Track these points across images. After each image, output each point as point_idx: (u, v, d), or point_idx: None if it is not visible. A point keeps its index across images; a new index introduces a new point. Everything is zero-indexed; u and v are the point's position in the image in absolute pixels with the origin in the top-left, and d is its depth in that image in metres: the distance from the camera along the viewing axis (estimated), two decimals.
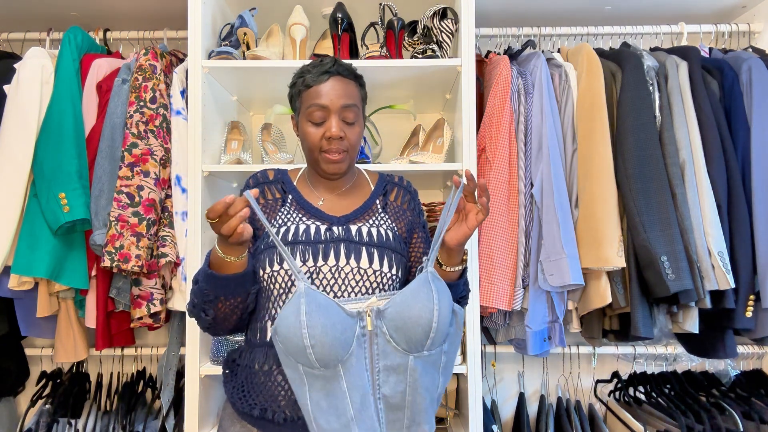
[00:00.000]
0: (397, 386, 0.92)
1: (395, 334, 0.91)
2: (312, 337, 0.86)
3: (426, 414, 0.93)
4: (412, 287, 0.93)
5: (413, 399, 0.92)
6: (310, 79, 1.08)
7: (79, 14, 2.01)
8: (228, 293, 0.98)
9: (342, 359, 0.89)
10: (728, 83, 1.72)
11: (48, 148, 1.63)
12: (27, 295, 1.69)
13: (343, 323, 0.89)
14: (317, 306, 0.88)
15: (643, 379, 1.97)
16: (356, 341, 0.90)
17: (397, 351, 0.91)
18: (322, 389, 0.90)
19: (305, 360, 0.88)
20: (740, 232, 1.61)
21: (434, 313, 0.90)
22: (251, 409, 1.01)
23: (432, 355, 0.93)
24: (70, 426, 1.85)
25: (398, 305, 0.92)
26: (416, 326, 0.90)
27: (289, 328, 0.87)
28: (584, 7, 1.98)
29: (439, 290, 0.92)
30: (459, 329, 0.99)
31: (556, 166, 1.65)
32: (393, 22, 1.72)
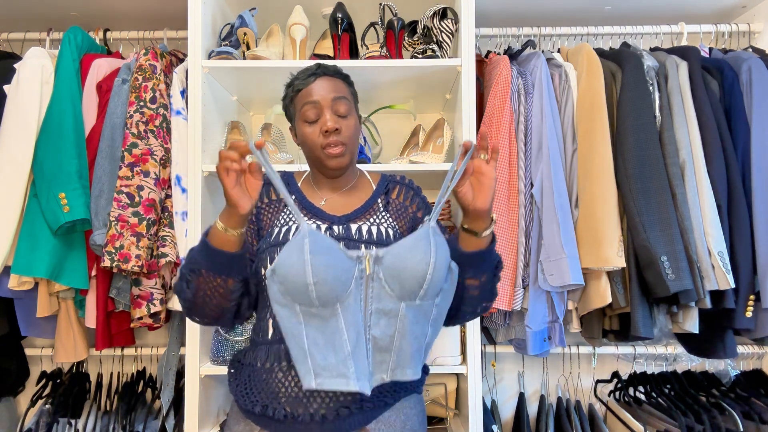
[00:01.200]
0: (386, 329, 0.95)
1: (390, 280, 0.94)
2: (315, 275, 0.88)
3: (412, 360, 0.96)
4: (412, 239, 0.95)
5: (400, 344, 0.95)
6: (298, 84, 1.13)
7: (79, 14, 2.01)
8: (214, 268, 0.97)
9: (341, 298, 0.92)
10: (728, 83, 1.72)
11: (48, 148, 1.63)
12: (27, 295, 1.69)
13: (343, 264, 0.92)
14: (321, 246, 0.90)
15: (643, 379, 1.97)
16: (354, 282, 0.93)
17: (390, 297, 0.94)
18: (318, 327, 0.92)
19: (305, 299, 0.90)
20: (740, 232, 1.61)
21: (430, 265, 0.92)
22: (253, 406, 1.02)
23: (423, 305, 0.96)
24: (70, 426, 1.86)
25: (396, 254, 0.94)
26: (411, 276, 0.92)
27: (293, 267, 0.88)
28: (584, 7, 1.98)
29: (438, 245, 0.94)
30: (453, 285, 1.00)
31: (556, 166, 1.65)
32: (393, 22, 1.72)
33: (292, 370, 1.01)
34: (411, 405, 1.09)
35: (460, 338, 1.64)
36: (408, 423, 1.06)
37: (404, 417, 1.06)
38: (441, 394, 1.78)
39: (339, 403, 0.99)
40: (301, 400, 0.99)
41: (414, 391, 1.11)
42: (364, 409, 1.00)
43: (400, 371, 0.96)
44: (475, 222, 0.99)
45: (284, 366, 1.02)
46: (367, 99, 1.94)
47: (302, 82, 1.12)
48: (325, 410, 0.98)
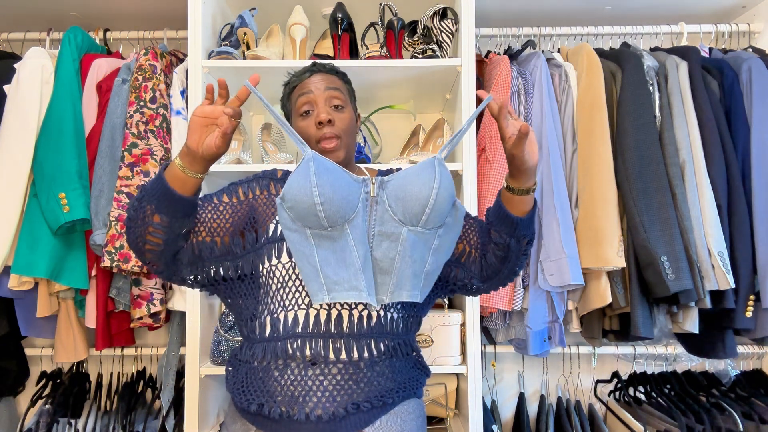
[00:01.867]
0: (388, 252, 0.98)
1: (394, 204, 0.97)
2: (322, 195, 0.91)
3: (410, 282, 0.99)
4: (418, 166, 0.98)
5: (401, 267, 0.98)
6: (294, 80, 1.17)
7: (79, 14, 2.01)
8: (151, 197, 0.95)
9: (348, 218, 0.95)
10: (728, 83, 1.72)
11: (48, 148, 1.63)
12: (27, 295, 1.69)
13: (349, 185, 0.95)
14: (325, 169, 0.93)
15: (643, 379, 1.97)
16: (361, 203, 0.97)
17: (393, 220, 0.98)
18: (329, 247, 0.95)
19: (314, 221, 0.93)
20: (740, 232, 1.61)
21: (433, 191, 0.95)
22: (249, 404, 1.01)
23: (425, 233, 0.98)
24: (70, 426, 1.86)
25: (401, 179, 0.98)
26: (415, 200, 0.95)
27: (300, 189, 0.91)
28: (584, 7, 1.98)
29: (442, 175, 0.96)
30: (456, 222, 1.03)
31: (556, 166, 1.65)
32: (393, 22, 1.72)
33: (288, 368, 1.00)
34: (410, 410, 1.08)
35: (460, 338, 1.64)
36: (406, 428, 1.04)
37: (402, 422, 1.04)
38: (441, 394, 1.78)
39: (335, 402, 0.98)
40: (297, 400, 0.98)
41: (413, 394, 1.10)
42: (361, 410, 0.99)
43: (398, 293, 0.99)
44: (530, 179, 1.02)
45: (280, 364, 1.01)
46: (367, 99, 1.94)
47: (298, 79, 1.15)
48: (321, 410, 0.97)
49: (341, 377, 0.99)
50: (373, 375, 1.02)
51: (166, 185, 0.94)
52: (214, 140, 0.93)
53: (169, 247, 1.01)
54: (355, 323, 1.02)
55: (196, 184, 0.98)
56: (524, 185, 1.02)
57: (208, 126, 0.94)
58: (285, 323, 1.02)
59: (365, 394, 1.00)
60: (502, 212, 1.04)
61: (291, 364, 1.00)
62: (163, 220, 0.96)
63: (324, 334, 1.00)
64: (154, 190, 0.95)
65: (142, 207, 0.96)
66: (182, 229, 1.00)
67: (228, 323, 1.63)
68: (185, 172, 0.95)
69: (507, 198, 1.04)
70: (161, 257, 1.02)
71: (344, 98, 1.14)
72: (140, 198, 0.96)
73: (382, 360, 1.04)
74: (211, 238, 1.06)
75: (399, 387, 1.06)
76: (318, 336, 1.01)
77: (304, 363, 1.00)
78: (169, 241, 0.99)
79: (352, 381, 1.00)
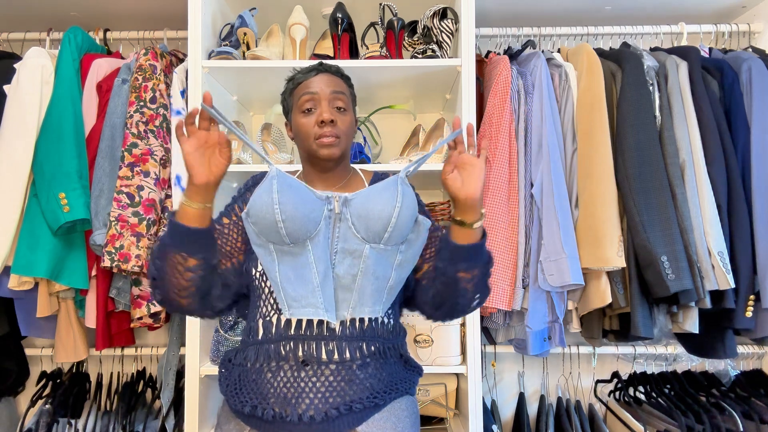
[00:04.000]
0: (350, 269, 1.01)
1: (357, 222, 1.00)
2: (283, 213, 0.94)
3: (371, 299, 1.02)
4: (381, 185, 1.02)
5: (362, 284, 1.01)
6: (299, 77, 1.15)
7: (79, 14, 2.01)
8: (174, 243, 0.95)
9: (310, 235, 0.98)
10: (728, 83, 1.72)
11: (48, 148, 1.63)
12: (27, 295, 1.69)
13: (312, 203, 0.98)
14: (288, 186, 0.96)
15: (643, 379, 1.97)
16: (324, 221, 1.00)
17: (356, 237, 1.00)
18: (290, 263, 0.99)
19: (276, 237, 0.96)
20: (740, 232, 1.61)
21: (395, 210, 0.98)
22: (243, 406, 1.01)
23: (387, 250, 1.02)
24: (70, 426, 1.86)
25: (364, 197, 1.01)
26: (377, 219, 0.98)
27: (263, 207, 0.95)
28: (584, 7, 1.98)
29: (405, 194, 1.00)
30: (418, 237, 1.06)
31: (556, 166, 1.65)
32: (393, 22, 1.72)
33: (281, 370, 1.00)
34: (403, 407, 1.08)
35: (460, 338, 1.64)
36: (399, 425, 1.04)
37: (395, 419, 1.05)
38: (441, 394, 1.78)
39: (328, 404, 0.98)
40: (290, 401, 0.98)
41: (406, 393, 1.11)
42: (353, 411, 0.99)
43: (360, 309, 1.01)
44: (465, 212, 1.02)
45: (273, 366, 1.01)
46: (367, 99, 1.94)
47: (303, 76, 1.14)
48: (314, 411, 0.97)
49: (333, 378, 1.00)
50: (366, 376, 1.02)
51: (189, 228, 0.95)
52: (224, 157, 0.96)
53: (204, 284, 1.01)
54: (346, 326, 1.03)
55: (211, 213, 1.00)
56: (459, 215, 1.01)
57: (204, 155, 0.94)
58: (277, 326, 1.03)
59: (358, 395, 1.00)
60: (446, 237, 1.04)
61: (284, 366, 1.00)
62: (198, 260, 0.97)
63: (316, 336, 1.01)
64: (179, 237, 0.95)
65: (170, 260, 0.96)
66: (215, 260, 1.02)
67: (228, 323, 1.63)
68: (202, 208, 0.96)
69: (452, 226, 1.04)
70: (197, 298, 1.02)
71: (347, 102, 1.14)
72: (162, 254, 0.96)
73: (374, 361, 1.04)
74: (230, 263, 1.08)
75: (391, 388, 1.06)
76: (310, 338, 1.01)
77: (297, 364, 1.00)
78: (205, 277, 1.00)
79: (345, 382, 1.00)
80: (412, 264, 1.07)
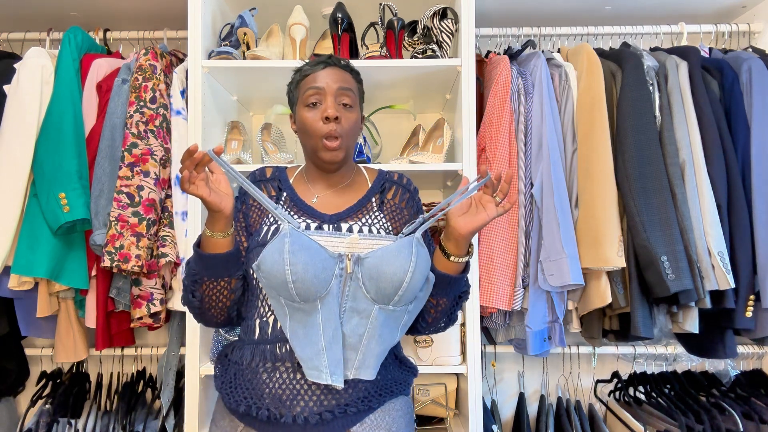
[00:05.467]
0: (357, 328, 0.99)
1: (368, 282, 0.97)
2: (294, 274, 0.92)
3: (375, 360, 1.01)
4: (396, 246, 0.98)
5: (368, 344, 0.99)
6: (306, 69, 1.12)
7: (79, 14, 2.01)
8: (212, 273, 1.00)
9: (321, 295, 0.96)
10: (728, 83, 1.72)
11: (48, 148, 1.63)
12: (27, 295, 1.69)
13: (324, 262, 0.96)
14: (300, 246, 0.94)
15: (643, 379, 1.97)
16: (335, 280, 0.97)
17: (365, 298, 0.98)
18: (300, 320, 0.98)
19: (287, 294, 0.95)
20: (740, 232, 1.61)
21: (408, 274, 0.95)
22: (237, 405, 1.02)
23: (396, 311, 1.00)
24: (70, 426, 1.85)
25: (378, 258, 0.98)
26: (389, 282, 0.96)
27: (273, 265, 0.94)
28: (584, 7, 1.98)
29: (419, 256, 0.97)
30: (427, 294, 1.05)
31: (556, 166, 1.65)
32: (393, 22, 1.72)
33: (277, 371, 1.01)
34: (398, 407, 1.08)
35: (460, 338, 1.64)
36: (394, 425, 1.05)
37: (390, 419, 1.05)
38: (441, 394, 1.78)
39: (323, 406, 0.98)
40: (284, 402, 0.98)
41: (400, 394, 1.10)
42: (348, 413, 1.00)
43: (363, 371, 1.00)
44: (452, 244, 1.02)
45: (269, 366, 1.01)
46: (367, 99, 1.93)
47: (311, 68, 1.11)
48: (308, 413, 0.98)
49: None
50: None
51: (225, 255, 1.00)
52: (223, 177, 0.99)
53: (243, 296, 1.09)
54: None
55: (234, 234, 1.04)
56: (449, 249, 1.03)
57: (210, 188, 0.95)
58: (274, 327, 1.03)
59: (352, 398, 1.00)
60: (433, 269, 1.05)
61: (279, 368, 1.01)
62: (239, 278, 1.05)
63: None
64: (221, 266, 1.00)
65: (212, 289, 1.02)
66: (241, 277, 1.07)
67: None
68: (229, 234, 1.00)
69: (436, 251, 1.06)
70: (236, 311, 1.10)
71: (354, 98, 1.12)
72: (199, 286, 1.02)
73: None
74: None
75: (385, 390, 1.06)
76: None
77: (293, 366, 1.00)
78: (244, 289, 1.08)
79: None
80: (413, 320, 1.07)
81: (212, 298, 1.03)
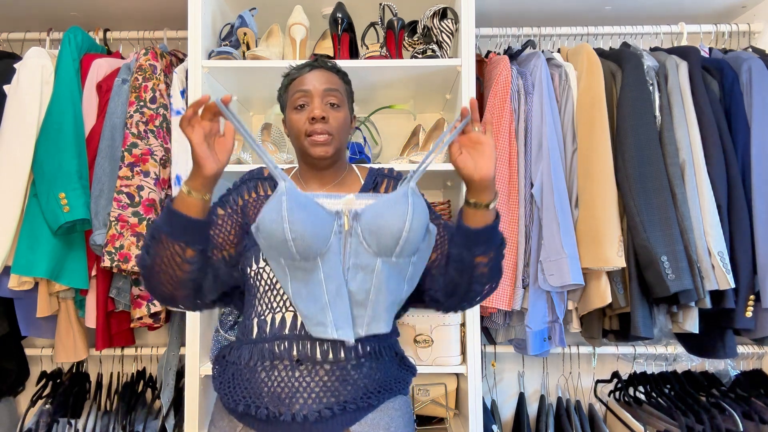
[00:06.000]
0: (363, 284, 0.98)
1: (368, 236, 0.97)
2: (293, 231, 0.92)
3: (386, 313, 0.99)
4: (391, 197, 0.98)
5: (376, 298, 0.98)
6: (293, 73, 1.15)
7: (79, 14, 2.01)
8: (173, 233, 0.94)
9: (321, 252, 0.95)
10: (728, 83, 1.72)
11: (48, 148, 1.63)
12: (27, 295, 1.69)
13: (322, 219, 0.95)
14: (298, 203, 0.93)
15: (643, 379, 1.97)
16: (334, 237, 0.97)
17: (367, 252, 0.97)
18: (302, 279, 0.97)
19: (287, 253, 0.94)
20: (740, 232, 1.61)
21: (406, 223, 0.95)
22: (236, 404, 1.02)
23: (399, 263, 0.99)
24: (70, 426, 1.86)
25: (374, 211, 0.97)
26: (388, 233, 0.95)
27: (272, 224, 0.92)
28: (584, 7, 1.98)
29: (415, 205, 0.97)
30: (429, 247, 1.04)
31: (556, 166, 1.65)
32: (393, 22, 1.72)
33: (275, 369, 1.00)
34: (396, 407, 1.08)
35: (460, 338, 1.64)
36: (392, 424, 1.05)
37: (388, 419, 1.05)
38: (441, 394, 1.78)
39: (322, 404, 0.98)
40: (284, 401, 0.98)
41: (399, 393, 1.11)
42: (347, 411, 1.00)
43: (375, 325, 0.99)
44: (481, 193, 0.99)
45: (267, 365, 1.01)
46: (367, 99, 1.94)
47: (297, 72, 1.14)
48: (307, 411, 0.98)
49: (328, 378, 1.00)
50: (360, 376, 1.02)
51: (191, 219, 0.95)
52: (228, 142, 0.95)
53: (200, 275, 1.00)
54: None
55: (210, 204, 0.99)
56: (474, 197, 0.99)
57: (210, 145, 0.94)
58: (272, 325, 1.02)
59: (351, 395, 1.01)
60: (458, 221, 1.02)
61: (278, 366, 1.00)
62: (197, 250, 0.97)
63: (310, 336, 1.00)
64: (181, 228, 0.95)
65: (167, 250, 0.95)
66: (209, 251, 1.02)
67: (228, 323, 1.63)
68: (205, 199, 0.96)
69: (464, 208, 1.01)
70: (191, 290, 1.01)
71: (341, 98, 1.13)
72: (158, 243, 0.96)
73: (369, 361, 1.04)
74: (221, 254, 1.07)
75: (385, 388, 1.06)
76: (305, 338, 1.01)
77: (291, 364, 1.00)
78: (201, 269, 1.00)
79: (339, 382, 1.00)
80: (419, 275, 1.05)
81: (164, 261, 0.96)
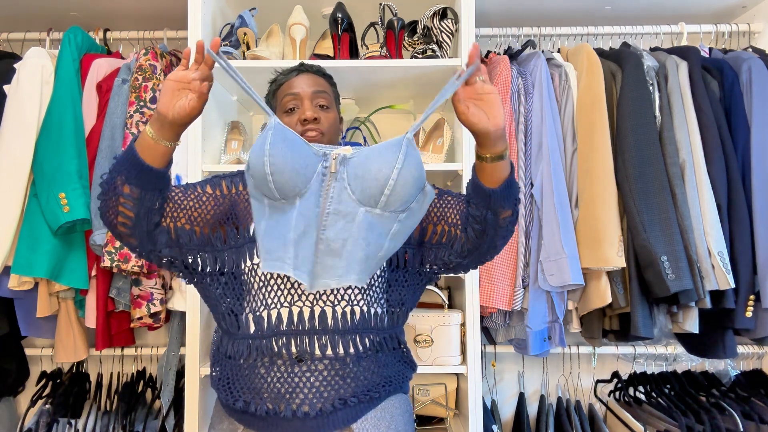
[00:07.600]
0: (340, 233, 0.93)
1: (353, 182, 0.92)
2: (272, 165, 0.89)
3: (360, 265, 0.92)
4: (384, 144, 0.94)
5: (352, 250, 0.92)
6: (280, 78, 1.17)
7: (79, 14, 2.01)
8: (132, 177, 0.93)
9: (300, 192, 0.92)
10: (728, 83, 1.72)
11: (48, 148, 1.63)
12: (27, 295, 1.69)
13: (306, 158, 0.92)
14: (283, 138, 0.91)
15: (643, 379, 1.97)
16: (316, 178, 0.93)
17: (350, 199, 0.93)
18: (277, 219, 0.93)
19: (267, 190, 0.91)
20: (740, 232, 1.61)
21: (394, 171, 0.89)
22: (235, 401, 1.01)
23: (384, 216, 0.93)
24: (70, 426, 1.86)
25: (364, 156, 0.93)
26: (374, 179, 0.90)
27: (255, 159, 0.90)
28: (584, 7, 1.98)
29: (409, 155, 0.91)
30: (422, 208, 0.97)
31: (556, 166, 1.65)
32: (393, 22, 1.72)
33: (275, 365, 1.00)
34: (397, 405, 1.08)
35: (460, 338, 1.64)
36: (393, 423, 1.05)
37: (390, 418, 1.05)
38: (441, 394, 1.78)
39: (322, 399, 0.98)
40: (284, 396, 0.98)
41: (400, 388, 1.11)
42: (348, 405, 0.99)
43: (347, 277, 0.92)
44: (496, 144, 0.92)
45: (266, 362, 1.01)
46: (367, 99, 1.94)
47: (284, 77, 1.16)
48: (308, 407, 0.97)
49: (328, 373, 1.00)
50: (360, 370, 1.02)
51: (136, 155, 0.93)
52: (188, 102, 0.91)
53: (141, 221, 0.98)
54: (339, 319, 1.02)
55: (167, 154, 0.96)
56: (490, 151, 0.93)
57: (180, 90, 0.92)
58: (269, 321, 1.02)
59: (352, 390, 1.00)
60: (476, 184, 0.96)
61: (277, 362, 1.00)
62: (133, 192, 0.94)
63: (309, 330, 1.00)
64: (125, 160, 0.94)
65: (112, 178, 0.95)
66: (154, 203, 0.98)
67: None
68: (156, 140, 0.93)
69: (479, 168, 0.96)
70: (134, 231, 0.99)
71: (330, 99, 1.16)
72: (111, 169, 0.95)
73: (368, 355, 1.04)
74: (191, 227, 1.05)
75: (385, 382, 1.06)
76: (303, 333, 1.00)
77: (291, 360, 1.00)
78: (140, 214, 0.97)
79: (339, 377, 1.00)
80: (406, 236, 0.98)
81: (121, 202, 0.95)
